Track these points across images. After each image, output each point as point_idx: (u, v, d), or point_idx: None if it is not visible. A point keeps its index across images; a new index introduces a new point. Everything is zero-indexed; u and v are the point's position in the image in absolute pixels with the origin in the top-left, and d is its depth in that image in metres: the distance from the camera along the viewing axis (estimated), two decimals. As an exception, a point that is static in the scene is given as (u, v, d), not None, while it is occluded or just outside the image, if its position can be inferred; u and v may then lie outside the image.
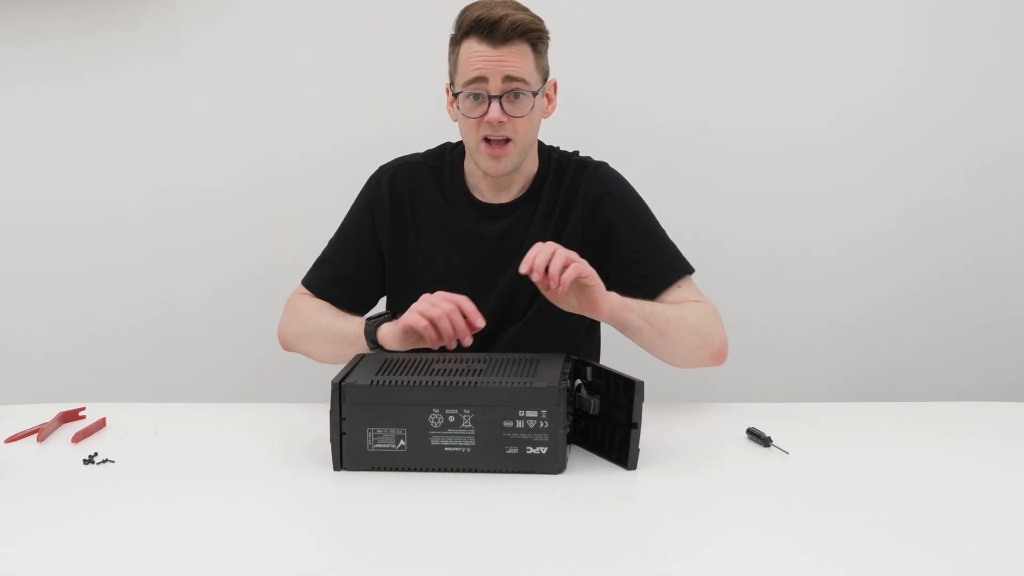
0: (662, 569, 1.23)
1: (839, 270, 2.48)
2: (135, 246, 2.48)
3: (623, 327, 1.72)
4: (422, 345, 1.70)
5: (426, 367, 1.57)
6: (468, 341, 1.66)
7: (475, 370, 1.56)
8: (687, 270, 1.86)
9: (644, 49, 2.40)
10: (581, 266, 1.60)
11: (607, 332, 1.88)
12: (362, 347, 1.77)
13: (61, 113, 2.44)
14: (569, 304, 1.67)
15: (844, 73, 2.41)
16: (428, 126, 2.10)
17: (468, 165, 1.91)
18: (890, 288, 2.48)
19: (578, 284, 1.63)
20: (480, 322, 1.66)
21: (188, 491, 1.46)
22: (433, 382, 1.50)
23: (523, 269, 1.60)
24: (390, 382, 1.50)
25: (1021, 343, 2.49)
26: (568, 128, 2.07)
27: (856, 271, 2.48)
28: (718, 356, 1.79)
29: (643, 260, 1.84)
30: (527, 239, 1.85)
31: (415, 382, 1.50)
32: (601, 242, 1.86)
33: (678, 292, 1.83)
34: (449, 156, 1.94)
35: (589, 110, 2.39)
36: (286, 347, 1.92)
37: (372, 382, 1.50)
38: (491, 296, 1.86)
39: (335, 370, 1.57)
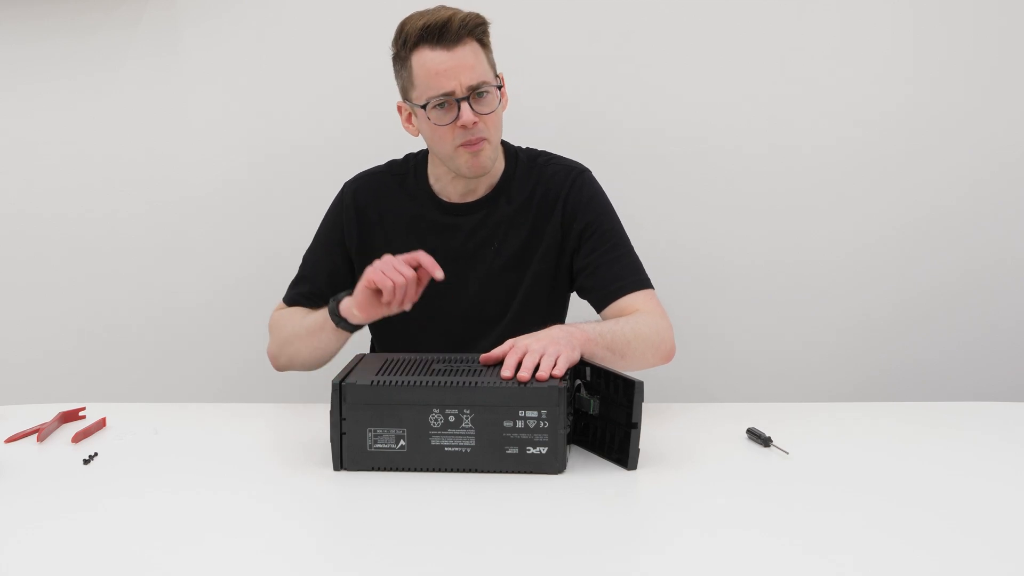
0: (662, 569, 1.23)
1: (840, 272, 2.48)
2: (134, 245, 2.48)
3: (589, 359, 1.69)
4: (383, 312, 1.70)
5: (426, 367, 1.57)
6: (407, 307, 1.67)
7: (475, 370, 1.56)
8: (648, 284, 1.88)
9: (647, 58, 2.40)
10: (566, 352, 1.55)
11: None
12: (331, 329, 1.78)
13: (60, 113, 2.43)
14: None
15: (847, 80, 2.40)
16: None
17: (434, 169, 1.92)
18: (891, 290, 2.48)
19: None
20: (439, 273, 1.64)
21: (188, 491, 1.46)
22: (433, 382, 1.50)
23: (505, 374, 1.51)
24: (390, 382, 1.50)
25: (1020, 344, 2.49)
26: (571, 136, 2.07)
27: (857, 273, 2.48)
28: (667, 356, 1.82)
29: (609, 265, 1.87)
30: (499, 235, 1.89)
31: (415, 382, 1.50)
32: (573, 244, 1.89)
33: (635, 299, 1.84)
34: (413, 162, 1.96)
35: (592, 119, 2.39)
36: (276, 365, 1.94)
37: (372, 382, 1.50)
38: (464, 296, 1.89)
39: (335, 371, 1.57)
